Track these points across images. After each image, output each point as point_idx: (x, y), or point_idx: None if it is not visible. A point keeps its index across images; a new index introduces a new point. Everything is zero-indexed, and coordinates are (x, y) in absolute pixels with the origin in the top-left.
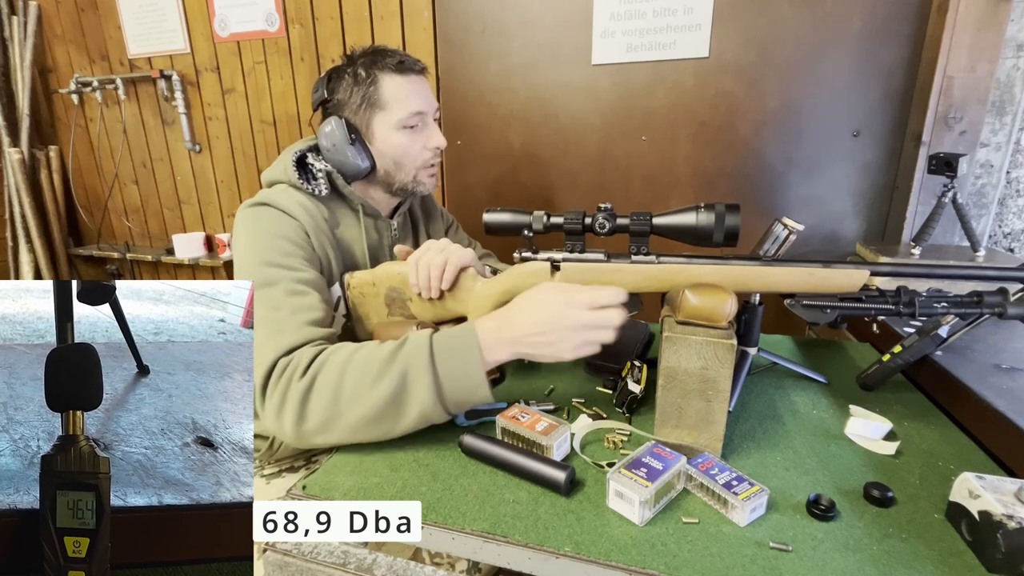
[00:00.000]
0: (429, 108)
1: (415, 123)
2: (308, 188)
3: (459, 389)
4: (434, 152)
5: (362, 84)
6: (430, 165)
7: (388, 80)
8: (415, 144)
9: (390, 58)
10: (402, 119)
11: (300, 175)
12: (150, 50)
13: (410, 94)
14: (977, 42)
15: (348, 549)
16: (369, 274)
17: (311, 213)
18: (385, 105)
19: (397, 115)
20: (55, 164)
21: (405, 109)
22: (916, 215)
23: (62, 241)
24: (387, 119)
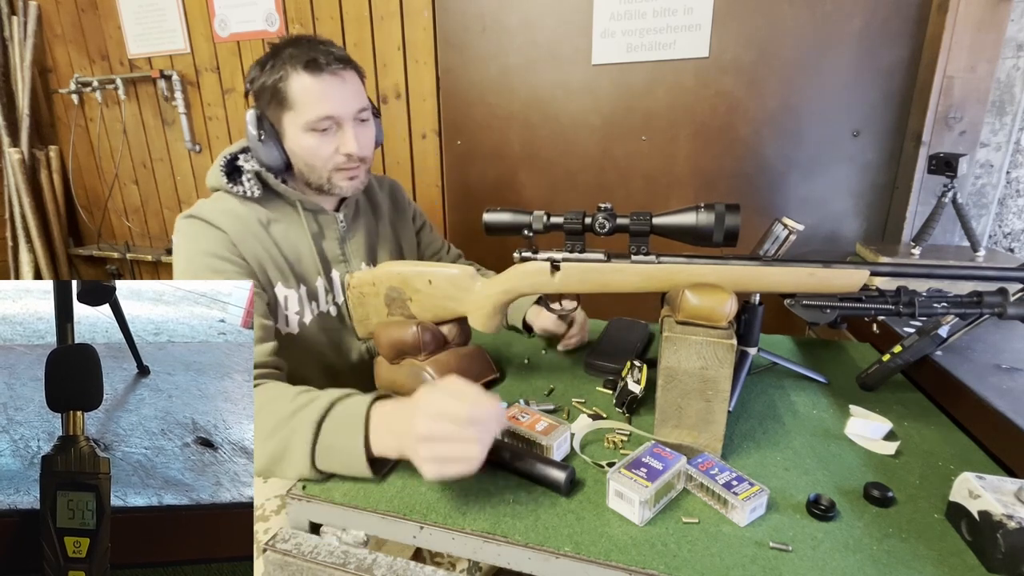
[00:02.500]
0: (344, 111)
1: (326, 127)
2: (238, 191)
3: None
4: (347, 157)
5: (272, 77)
6: (347, 169)
7: (296, 79)
8: (325, 147)
9: (303, 53)
10: (310, 122)
11: (230, 179)
12: (150, 50)
13: (319, 96)
14: (977, 42)
15: (348, 549)
16: (369, 274)
17: (240, 219)
18: (292, 105)
19: (304, 117)
20: (55, 164)
21: (313, 112)
22: (916, 215)
23: (62, 241)
24: (295, 119)
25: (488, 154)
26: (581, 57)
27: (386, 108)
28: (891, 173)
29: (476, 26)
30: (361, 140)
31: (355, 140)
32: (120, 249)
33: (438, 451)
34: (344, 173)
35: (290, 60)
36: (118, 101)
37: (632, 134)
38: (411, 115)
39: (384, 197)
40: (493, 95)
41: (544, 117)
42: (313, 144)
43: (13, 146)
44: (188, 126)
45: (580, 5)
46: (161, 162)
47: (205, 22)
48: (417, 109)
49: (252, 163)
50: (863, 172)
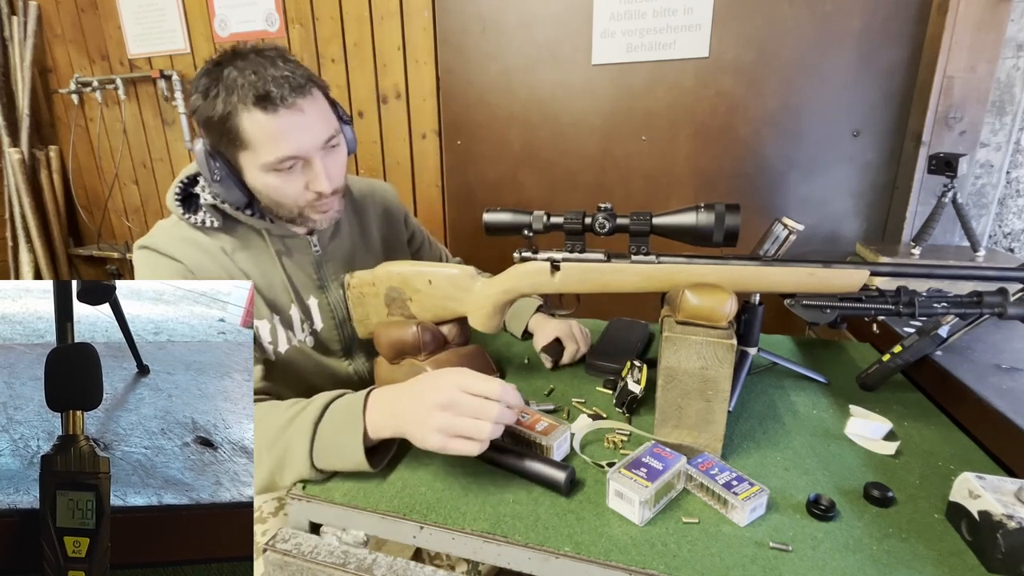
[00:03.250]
0: (309, 148)
1: (289, 166)
2: (195, 222)
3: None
4: (318, 196)
5: (219, 113)
6: (319, 204)
7: (248, 117)
8: (292, 186)
9: (251, 84)
10: (269, 164)
11: (186, 208)
12: (150, 50)
13: (277, 137)
14: (977, 42)
15: (348, 549)
16: (369, 274)
17: (201, 247)
18: (248, 145)
19: (263, 159)
20: (55, 164)
21: (272, 154)
22: (916, 215)
23: (62, 241)
24: (252, 159)
25: (488, 154)
26: (581, 57)
27: (386, 108)
28: (891, 173)
29: (476, 26)
30: (332, 172)
31: (325, 177)
32: (120, 249)
33: (453, 423)
34: (316, 208)
35: (239, 92)
36: (118, 101)
37: (632, 134)
38: (411, 115)
39: (375, 209)
40: (493, 95)
41: (544, 117)
42: (278, 184)
43: (13, 146)
44: (188, 126)
45: (580, 5)
46: (161, 162)
47: (205, 22)
48: (417, 109)
49: (208, 194)
50: (863, 172)
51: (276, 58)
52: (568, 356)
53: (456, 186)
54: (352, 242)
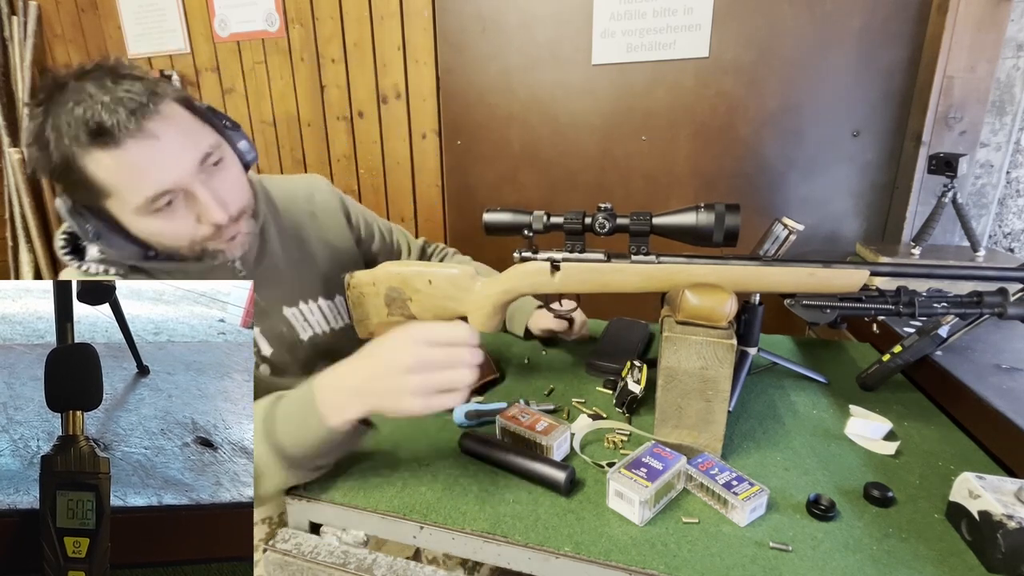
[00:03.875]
0: (178, 177)
1: (167, 202)
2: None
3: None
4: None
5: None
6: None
7: (90, 159)
8: (181, 225)
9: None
10: (140, 207)
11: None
12: (150, 50)
13: (132, 175)
14: (977, 42)
15: (348, 549)
16: (369, 274)
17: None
18: (106, 192)
19: (130, 203)
20: None
21: (136, 196)
22: (916, 215)
23: None
24: (120, 206)
25: (488, 154)
26: (581, 57)
27: (386, 108)
28: (891, 173)
29: (476, 26)
30: (225, 196)
31: (216, 203)
32: None
33: (429, 381)
34: (219, 239)
35: (69, 133)
36: None
37: (632, 134)
38: (411, 115)
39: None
40: (493, 95)
41: (544, 117)
42: (162, 227)
43: (13, 146)
44: None
45: (580, 5)
46: None
47: (205, 22)
48: (417, 109)
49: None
50: (863, 172)
51: (104, 77)
52: (578, 326)
53: (456, 186)
54: (288, 257)
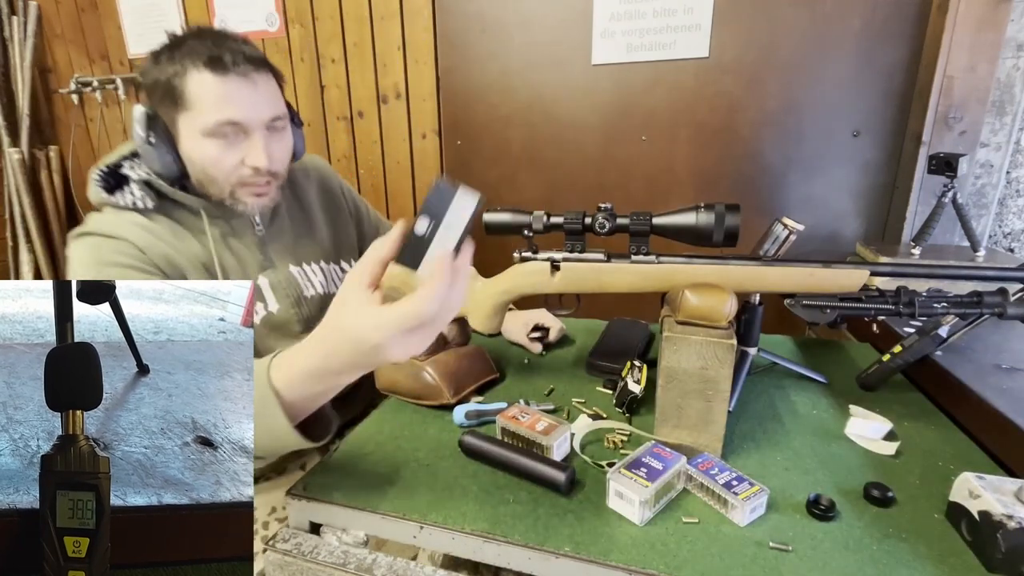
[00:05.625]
0: (251, 118)
1: (226, 133)
2: (126, 204)
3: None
4: (254, 171)
5: (167, 71)
6: (252, 185)
7: (195, 75)
8: (228, 157)
9: (207, 48)
10: (208, 127)
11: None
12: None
13: (222, 98)
14: (977, 42)
15: (348, 549)
16: None
17: (145, 228)
18: (190, 105)
19: (202, 121)
20: (55, 164)
21: (212, 116)
22: (916, 215)
23: (62, 241)
24: (191, 122)
25: (488, 154)
26: (581, 57)
27: (386, 108)
28: (891, 173)
29: (476, 26)
30: (273, 153)
31: (264, 152)
32: None
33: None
34: (250, 189)
35: (190, 55)
36: (118, 101)
37: (632, 134)
38: (411, 115)
39: (311, 187)
40: (493, 95)
41: (544, 117)
42: (213, 152)
43: (13, 146)
44: None
45: (580, 5)
46: None
47: (205, 22)
48: (417, 109)
49: (140, 171)
50: (863, 172)
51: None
52: (555, 334)
53: None
54: (292, 221)
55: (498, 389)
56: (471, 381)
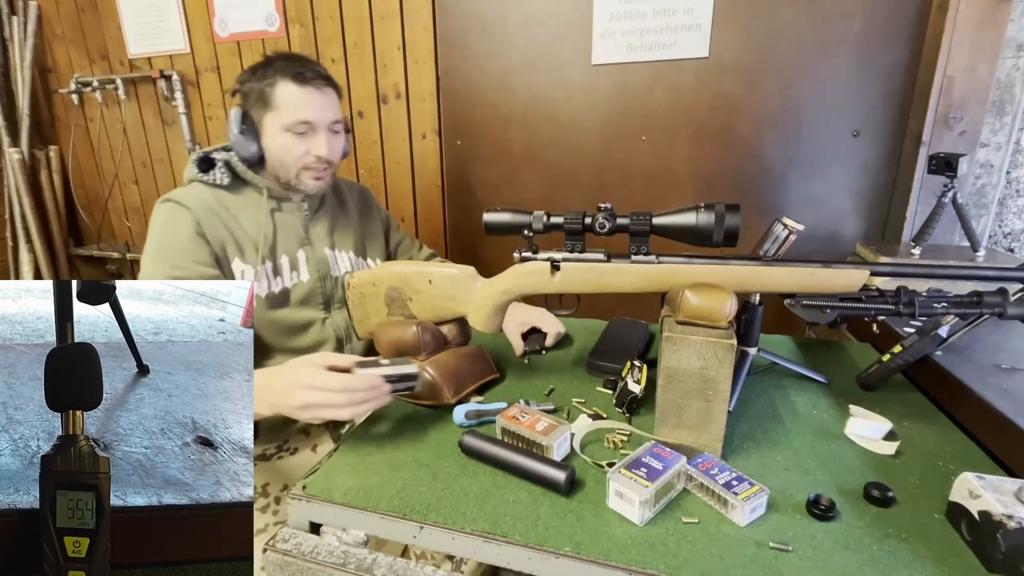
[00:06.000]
0: (320, 119)
1: (302, 130)
2: (209, 179)
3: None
4: (317, 159)
5: (261, 82)
6: (315, 169)
7: (284, 85)
8: (298, 148)
9: (294, 67)
10: (288, 124)
11: (201, 170)
12: (150, 50)
13: (300, 103)
14: (977, 42)
15: (348, 549)
16: (369, 274)
17: (205, 201)
18: (276, 107)
19: (284, 119)
20: (55, 164)
21: (292, 116)
22: (916, 215)
23: (62, 241)
24: (275, 119)
25: (488, 154)
26: (581, 57)
27: (386, 108)
28: (891, 173)
29: (476, 26)
30: (332, 147)
31: (326, 145)
32: (120, 249)
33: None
34: (311, 172)
35: (280, 70)
36: (118, 101)
37: (632, 134)
38: (411, 115)
39: (352, 198)
40: (493, 95)
41: (544, 117)
42: (288, 143)
43: (13, 146)
44: (188, 126)
45: (580, 5)
46: (161, 162)
47: (205, 22)
48: (417, 109)
49: (224, 155)
50: (863, 172)
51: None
52: (551, 339)
53: (456, 186)
54: (332, 213)
55: (498, 389)
56: (471, 381)
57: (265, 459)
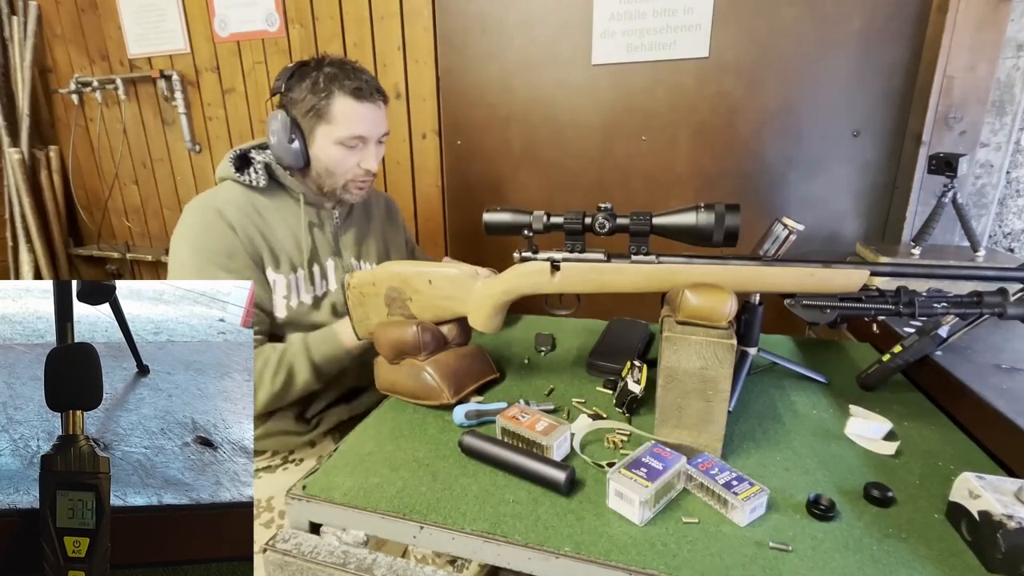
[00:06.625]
0: (372, 134)
1: (354, 144)
2: (245, 180)
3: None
4: (365, 172)
5: (317, 94)
6: (361, 180)
7: (341, 100)
8: (349, 160)
9: (352, 80)
10: (342, 138)
11: (238, 169)
12: (150, 50)
13: (356, 119)
14: (977, 42)
15: (348, 549)
16: (369, 274)
17: (241, 206)
18: (331, 120)
19: (338, 133)
20: (55, 164)
21: (347, 130)
22: (916, 215)
23: (62, 241)
24: (329, 132)
25: (488, 154)
26: (581, 57)
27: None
28: (891, 173)
29: (476, 26)
30: (377, 159)
31: (376, 158)
32: (120, 249)
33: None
34: (356, 183)
35: (337, 83)
36: (118, 101)
37: (632, 134)
38: (411, 115)
39: (379, 208)
40: (493, 95)
41: (544, 117)
42: (339, 155)
43: (13, 146)
44: (188, 126)
45: (580, 5)
46: (161, 162)
47: (205, 22)
48: (417, 109)
49: (262, 156)
50: (863, 172)
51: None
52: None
53: (456, 186)
54: (359, 222)
55: (498, 389)
56: (471, 381)
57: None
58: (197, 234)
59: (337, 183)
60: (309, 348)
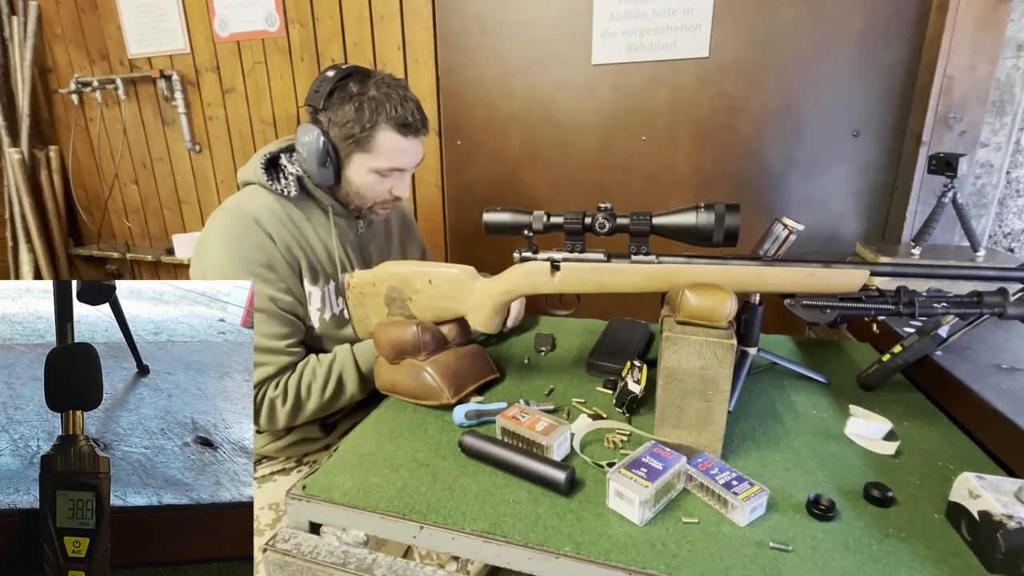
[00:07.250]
0: (410, 166)
1: (390, 174)
2: (276, 189)
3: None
4: (395, 198)
5: (361, 122)
6: (388, 203)
7: (387, 134)
8: (381, 187)
9: (400, 112)
10: (380, 168)
11: (269, 176)
12: (150, 50)
13: (399, 153)
14: (977, 42)
15: (348, 549)
16: (369, 274)
17: (276, 215)
18: (372, 151)
19: (377, 164)
20: (55, 164)
21: (387, 163)
22: (916, 215)
23: (62, 241)
24: (367, 161)
25: (488, 154)
26: (581, 57)
27: None
28: (891, 173)
29: (476, 26)
30: (408, 185)
31: (407, 186)
32: (120, 249)
33: None
34: (383, 205)
35: (384, 114)
36: (118, 101)
37: (632, 134)
38: None
39: (395, 218)
40: (493, 95)
41: (544, 117)
42: (373, 182)
43: (13, 146)
44: (188, 126)
45: (580, 5)
46: (161, 162)
47: (205, 22)
48: None
49: (295, 166)
50: (863, 172)
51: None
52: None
53: (456, 186)
54: (380, 234)
55: (498, 389)
56: (471, 381)
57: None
58: (235, 242)
59: (364, 203)
60: (357, 360)
